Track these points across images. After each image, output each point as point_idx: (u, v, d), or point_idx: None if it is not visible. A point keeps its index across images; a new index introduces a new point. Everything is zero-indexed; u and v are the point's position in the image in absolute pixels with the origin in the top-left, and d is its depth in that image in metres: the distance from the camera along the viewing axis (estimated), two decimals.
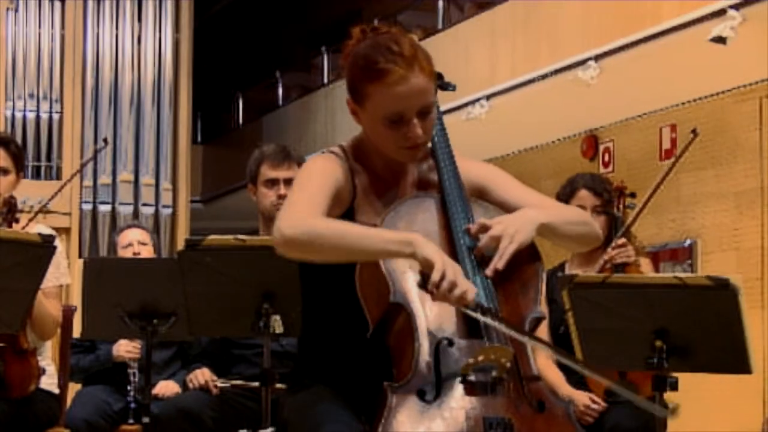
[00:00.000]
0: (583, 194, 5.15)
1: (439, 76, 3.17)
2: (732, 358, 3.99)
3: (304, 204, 2.90)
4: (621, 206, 5.14)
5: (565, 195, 5.19)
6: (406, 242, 2.78)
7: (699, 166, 8.75)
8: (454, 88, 3.24)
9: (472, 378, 2.80)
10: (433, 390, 2.79)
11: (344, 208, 2.99)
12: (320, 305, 3.06)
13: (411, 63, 2.92)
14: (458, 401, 2.78)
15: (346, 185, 3.00)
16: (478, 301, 2.83)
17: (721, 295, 3.87)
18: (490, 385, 2.81)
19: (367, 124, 3.00)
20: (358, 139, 3.10)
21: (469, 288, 2.75)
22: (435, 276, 2.72)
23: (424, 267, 2.76)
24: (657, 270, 7.80)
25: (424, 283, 2.76)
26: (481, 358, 2.80)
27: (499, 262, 2.90)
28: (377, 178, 3.07)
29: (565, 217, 3.14)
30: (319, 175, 2.97)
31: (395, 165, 3.08)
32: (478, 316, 2.81)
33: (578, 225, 3.15)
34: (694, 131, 5.05)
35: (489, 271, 2.91)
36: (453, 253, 2.95)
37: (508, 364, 2.82)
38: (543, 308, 3.05)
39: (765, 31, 7.49)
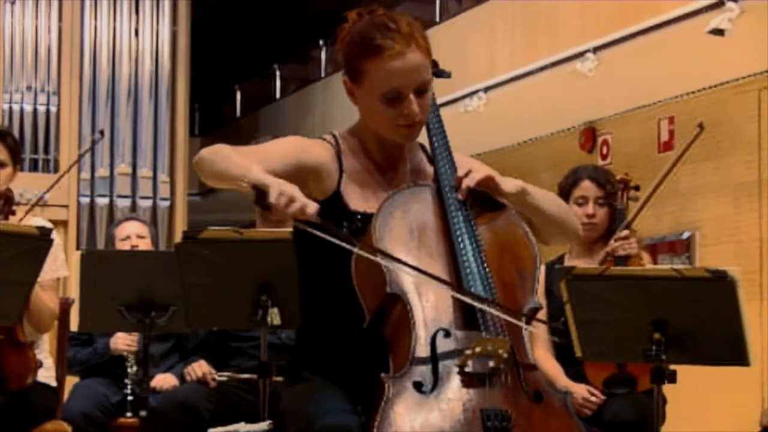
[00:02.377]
0: (586, 185, 5.14)
1: (434, 64, 3.17)
2: (730, 350, 3.99)
3: (245, 149, 2.99)
4: (624, 198, 5.13)
5: (568, 185, 5.19)
6: (242, 167, 2.81)
7: (697, 159, 8.72)
8: (449, 75, 3.24)
9: (469, 369, 2.80)
10: (430, 381, 2.79)
11: (330, 190, 2.99)
12: (318, 297, 3.06)
13: (408, 39, 2.94)
14: (455, 392, 2.78)
15: (327, 166, 3.01)
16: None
17: (719, 288, 3.88)
18: (487, 376, 2.80)
19: (364, 103, 3.01)
20: (353, 127, 3.11)
21: (310, 203, 2.74)
22: (273, 192, 2.72)
23: (262, 187, 2.76)
24: (655, 262, 7.80)
25: (259, 200, 2.75)
26: (478, 349, 2.80)
27: (473, 177, 2.98)
28: (371, 164, 3.07)
29: (548, 197, 3.19)
30: (284, 142, 3.03)
31: (391, 152, 3.08)
32: (464, 299, 2.80)
33: (560, 209, 3.20)
34: (700, 125, 5.03)
35: (461, 193, 2.97)
36: (449, 242, 2.95)
37: (506, 355, 2.81)
38: (540, 299, 3.05)
39: (763, 23, 7.48)
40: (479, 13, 10.15)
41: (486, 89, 9.63)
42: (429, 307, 2.87)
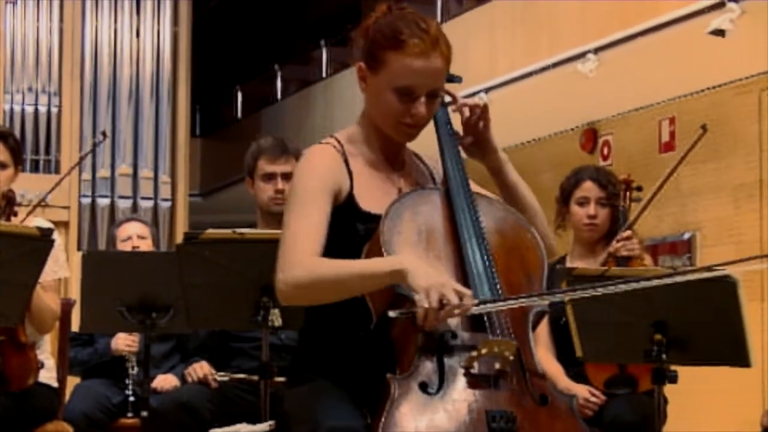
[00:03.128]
0: (588, 185, 5.14)
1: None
2: (731, 351, 3.99)
3: (303, 241, 2.94)
4: (627, 200, 5.13)
5: (570, 185, 5.18)
6: (393, 264, 2.79)
7: (698, 159, 8.73)
8: (460, 80, 3.26)
9: (475, 371, 2.80)
10: (436, 382, 2.79)
11: (344, 196, 2.99)
12: None
13: (434, 42, 3.00)
14: (461, 394, 2.79)
15: (341, 175, 3.01)
16: (481, 299, 2.84)
17: (720, 288, 3.88)
18: (493, 378, 2.81)
19: (375, 92, 3.02)
20: (356, 124, 3.12)
21: (463, 291, 2.75)
22: (419, 309, 2.72)
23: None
24: (656, 263, 7.80)
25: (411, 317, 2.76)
26: (484, 351, 2.80)
27: (469, 106, 3.11)
28: (377, 161, 3.08)
29: (526, 185, 3.26)
30: (318, 187, 2.98)
31: (393, 147, 3.09)
32: (487, 308, 2.81)
33: (534, 202, 3.23)
34: (703, 127, 5.03)
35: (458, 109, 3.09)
36: (457, 243, 2.95)
37: (512, 357, 2.82)
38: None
39: (764, 24, 7.49)
40: (480, 14, 10.16)
41: (487, 90, 9.63)
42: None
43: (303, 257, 2.90)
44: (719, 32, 7.57)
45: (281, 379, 3.98)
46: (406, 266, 2.77)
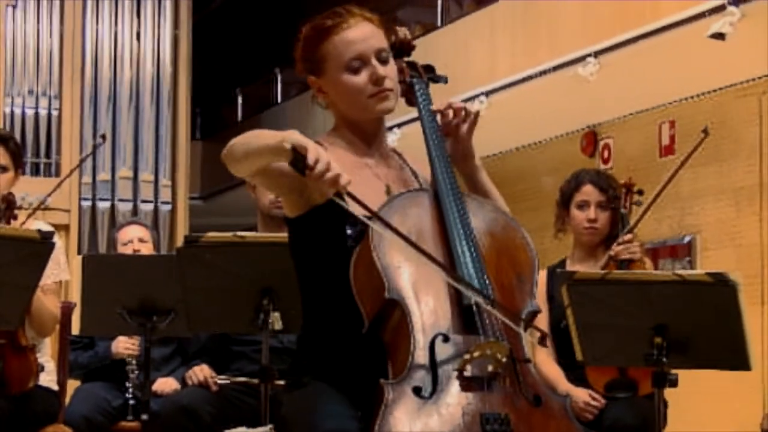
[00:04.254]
0: (588, 189, 5.14)
1: (431, 69, 3.18)
2: (731, 355, 3.99)
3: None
4: (628, 203, 5.13)
5: (570, 189, 5.19)
6: (280, 134, 2.84)
7: (698, 163, 8.73)
8: (445, 81, 3.25)
9: (468, 373, 2.80)
10: (429, 386, 2.79)
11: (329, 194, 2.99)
12: (318, 302, 3.06)
13: (356, 14, 3.06)
14: (455, 397, 2.78)
15: None
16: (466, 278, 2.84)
17: (720, 292, 3.88)
18: (486, 381, 2.81)
19: (333, 88, 3.06)
20: (329, 131, 3.15)
21: (343, 173, 2.77)
22: (311, 155, 2.74)
23: (301, 150, 2.78)
24: (656, 267, 7.80)
25: (297, 162, 2.76)
26: (477, 353, 2.80)
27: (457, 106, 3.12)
28: (358, 163, 3.07)
29: (498, 193, 3.25)
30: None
31: (373, 143, 3.11)
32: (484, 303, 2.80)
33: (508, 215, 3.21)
34: (704, 130, 5.04)
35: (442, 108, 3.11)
36: (447, 246, 2.95)
37: (504, 359, 2.81)
38: (541, 303, 3.06)
39: (764, 27, 7.49)
40: (480, 17, 10.16)
41: (487, 93, 9.63)
42: (428, 312, 2.87)
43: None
44: (719, 36, 7.57)
45: (281, 382, 3.98)
46: (292, 132, 2.83)
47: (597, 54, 8.54)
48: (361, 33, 3.03)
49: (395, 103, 3.07)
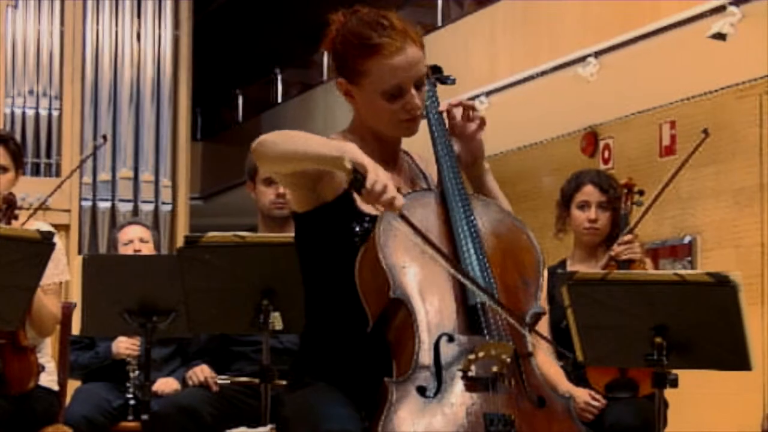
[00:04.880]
0: (589, 189, 5.14)
1: (438, 70, 3.18)
2: (732, 355, 3.99)
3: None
4: (629, 203, 5.13)
5: (570, 189, 5.19)
6: (338, 147, 2.80)
7: (699, 163, 8.72)
8: (453, 82, 3.25)
9: (472, 374, 2.80)
10: (433, 386, 2.79)
11: (338, 189, 2.99)
12: (322, 301, 3.06)
13: (404, 35, 2.98)
14: (459, 397, 2.78)
15: None
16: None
17: (721, 292, 3.88)
18: (490, 381, 2.81)
19: (363, 103, 3.02)
20: (348, 129, 3.12)
21: (399, 195, 2.75)
22: (371, 176, 2.72)
23: (360, 168, 2.76)
24: (657, 267, 7.80)
25: (356, 183, 2.74)
26: (481, 354, 2.80)
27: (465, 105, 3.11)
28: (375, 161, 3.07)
29: (503, 195, 3.24)
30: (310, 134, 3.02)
31: (388, 148, 3.10)
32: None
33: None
34: (705, 131, 5.03)
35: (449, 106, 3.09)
36: (453, 247, 2.95)
37: (509, 360, 2.82)
38: (543, 304, 3.06)
39: (765, 28, 7.49)
40: (481, 17, 10.16)
41: (487, 94, 9.63)
42: (432, 311, 2.87)
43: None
44: (720, 36, 7.56)
45: (282, 382, 3.98)
46: (349, 145, 2.80)
47: (597, 54, 8.54)
48: (406, 61, 2.96)
49: (419, 126, 3.06)
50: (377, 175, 2.72)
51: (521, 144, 11.16)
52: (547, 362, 4.96)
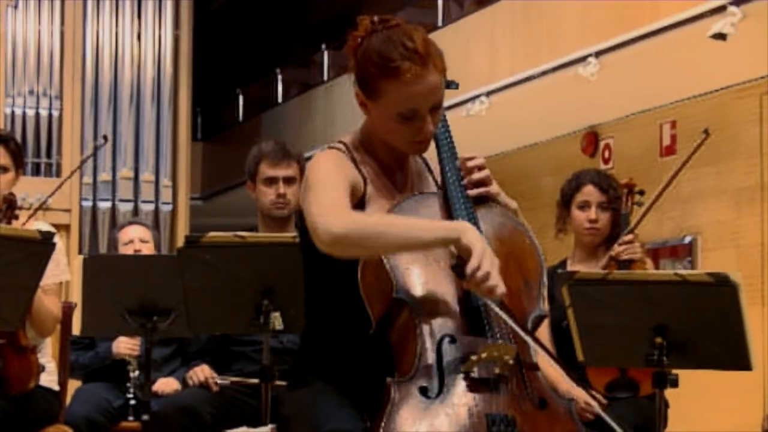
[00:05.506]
0: (589, 189, 5.14)
1: None
2: (732, 355, 3.99)
3: (338, 202, 2.87)
4: (629, 203, 5.13)
5: (571, 189, 5.18)
6: (453, 228, 2.79)
7: (699, 163, 8.72)
8: (456, 87, 3.24)
9: (474, 375, 2.81)
10: (435, 386, 2.79)
11: (357, 199, 2.98)
12: (323, 301, 3.06)
13: (426, 61, 2.92)
14: (461, 398, 2.79)
15: (355, 177, 2.99)
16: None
17: (721, 292, 3.88)
18: (492, 382, 2.81)
19: (377, 119, 3.00)
20: (359, 132, 3.10)
21: (501, 283, 2.76)
22: (473, 262, 2.72)
23: (464, 253, 2.75)
24: (657, 267, 7.80)
25: (459, 267, 2.75)
26: (484, 355, 2.81)
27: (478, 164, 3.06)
28: (382, 168, 3.07)
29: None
30: (334, 171, 2.95)
31: (397, 155, 3.09)
32: (499, 310, 2.82)
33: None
34: (706, 131, 5.03)
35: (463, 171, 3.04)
36: None
37: (511, 361, 2.82)
38: (545, 306, 3.06)
39: (765, 28, 7.48)
40: (481, 17, 10.16)
41: (488, 93, 9.63)
42: (435, 312, 2.87)
43: (343, 212, 2.84)
44: (720, 36, 7.57)
45: (282, 382, 3.98)
46: (464, 224, 2.79)
47: (598, 54, 8.54)
48: (425, 89, 2.91)
49: (429, 145, 3.05)
50: (480, 261, 2.73)
51: (521, 144, 11.16)
52: (547, 363, 4.96)
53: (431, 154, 3.16)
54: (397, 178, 3.09)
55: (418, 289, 2.87)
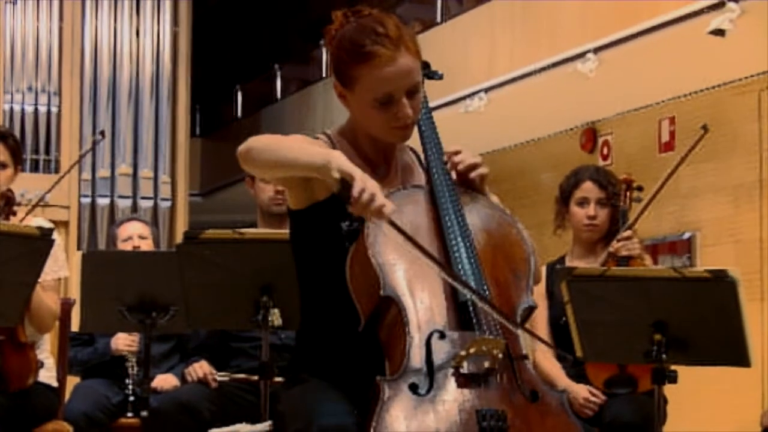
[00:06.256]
0: (588, 186, 5.14)
1: (426, 65, 3.17)
2: (731, 351, 3.99)
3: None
4: (628, 199, 5.13)
5: (570, 186, 5.19)
6: (324, 155, 2.79)
7: (698, 159, 8.72)
8: (440, 77, 3.24)
9: (464, 370, 2.80)
10: (425, 383, 2.79)
11: (330, 187, 2.97)
12: (316, 299, 3.06)
13: (397, 44, 2.94)
14: (451, 394, 2.78)
15: None
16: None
17: (720, 288, 3.88)
18: (482, 377, 2.81)
19: (356, 107, 3.01)
20: (343, 126, 3.12)
21: (388, 202, 2.73)
22: (358, 183, 2.70)
23: (347, 177, 2.74)
24: (656, 263, 7.80)
25: (343, 192, 2.72)
26: (473, 349, 2.80)
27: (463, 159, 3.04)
28: (365, 160, 3.07)
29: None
30: (300, 137, 3.01)
31: (383, 149, 3.09)
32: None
33: None
34: (704, 127, 5.03)
35: (450, 165, 3.03)
36: (443, 243, 2.95)
37: (500, 355, 2.82)
38: (536, 299, 3.06)
39: (764, 24, 7.48)
40: (480, 13, 10.15)
41: (486, 90, 9.62)
42: (423, 309, 2.87)
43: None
44: (719, 32, 7.56)
45: (281, 378, 3.99)
46: (336, 153, 2.79)
47: (597, 50, 8.53)
48: (398, 72, 2.92)
49: (413, 131, 3.04)
50: (364, 184, 2.70)
51: (520, 140, 11.16)
52: (545, 358, 4.97)
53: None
54: (380, 171, 3.08)
55: (405, 286, 2.86)
